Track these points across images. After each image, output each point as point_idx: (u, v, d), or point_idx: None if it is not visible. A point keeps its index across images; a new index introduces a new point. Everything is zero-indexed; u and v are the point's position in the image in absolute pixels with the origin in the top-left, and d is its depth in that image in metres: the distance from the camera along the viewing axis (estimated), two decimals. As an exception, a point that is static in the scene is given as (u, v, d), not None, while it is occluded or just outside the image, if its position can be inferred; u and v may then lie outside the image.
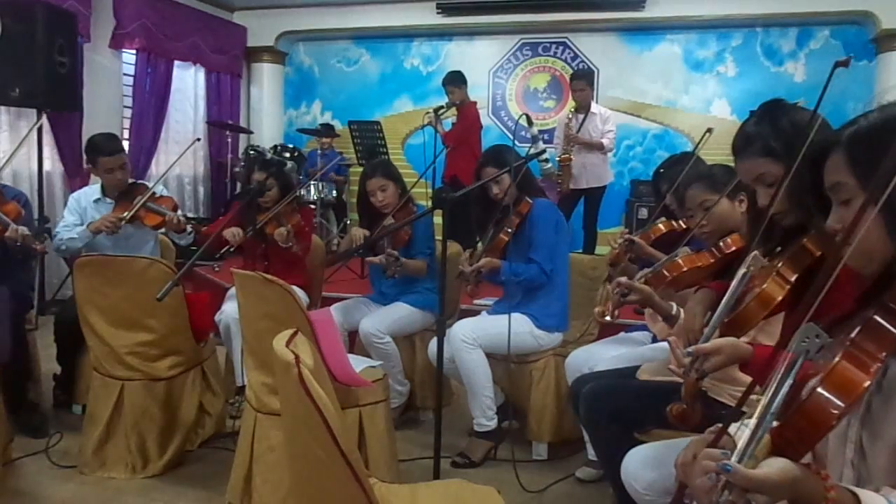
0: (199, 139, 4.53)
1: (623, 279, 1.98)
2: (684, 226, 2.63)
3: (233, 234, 3.29)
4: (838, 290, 1.25)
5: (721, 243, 1.96)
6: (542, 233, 2.96)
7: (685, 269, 1.94)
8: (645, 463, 1.73)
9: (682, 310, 1.91)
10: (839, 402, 0.88)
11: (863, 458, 0.98)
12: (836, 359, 0.91)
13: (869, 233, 1.00)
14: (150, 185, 3.43)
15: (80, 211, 3.36)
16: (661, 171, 2.88)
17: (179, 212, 3.28)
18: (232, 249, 3.28)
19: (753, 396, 1.33)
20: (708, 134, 2.69)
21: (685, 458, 1.16)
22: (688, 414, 1.50)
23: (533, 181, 3.13)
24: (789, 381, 0.90)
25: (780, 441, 0.89)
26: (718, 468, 0.86)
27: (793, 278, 1.42)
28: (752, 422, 0.90)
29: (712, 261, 1.94)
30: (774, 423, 0.89)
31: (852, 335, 0.95)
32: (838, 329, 1.02)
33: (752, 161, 1.50)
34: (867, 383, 0.89)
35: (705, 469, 0.90)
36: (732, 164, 1.65)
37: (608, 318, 2.08)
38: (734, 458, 0.87)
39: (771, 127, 1.49)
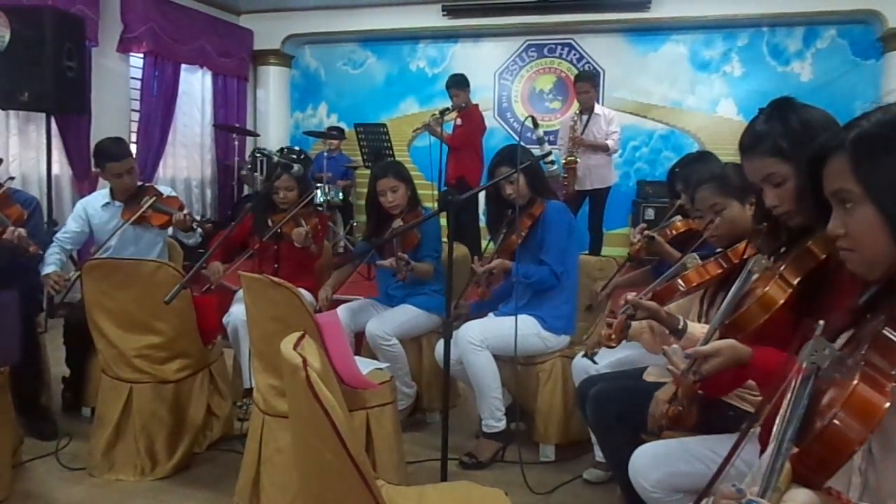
0: (169, 188, 4.54)
1: (630, 296, 1.94)
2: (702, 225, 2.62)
3: (214, 270, 3.28)
4: (839, 297, 1.24)
5: (730, 252, 1.94)
6: (554, 235, 2.95)
7: (695, 283, 1.93)
8: (652, 460, 1.73)
9: (689, 322, 1.89)
10: (861, 429, 0.85)
11: (871, 465, 0.96)
12: (855, 381, 0.88)
13: (874, 240, 0.98)
14: (157, 187, 3.44)
15: (85, 218, 3.37)
16: (677, 169, 2.86)
17: (186, 210, 3.28)
18: (213, 287, 3.28)
19: (753, 396, 1.31)
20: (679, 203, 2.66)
21: None
22: (683, 415, 1.49)
23: (546, 183, 3.13)
24: (804, 402, 0.88)
25: (800, 469, 0.87)
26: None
27: (795, 281, 1.41)
28: (771, 444, 0.88)
29: (720, 271, 1.93)
30: (794, 450, 0.87)
31: (863, 351, 0.93)
32: (842, 336, 1.01)
33: (761, 160, 1.47)
34: (886, 405, 0.86)
35: None
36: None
37: (613, 344, 2.02)
38: (757, 489, 0.84)
39: (781, 126, 1.45)
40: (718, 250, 2.05)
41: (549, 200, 3.03)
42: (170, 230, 3.43)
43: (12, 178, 3.28)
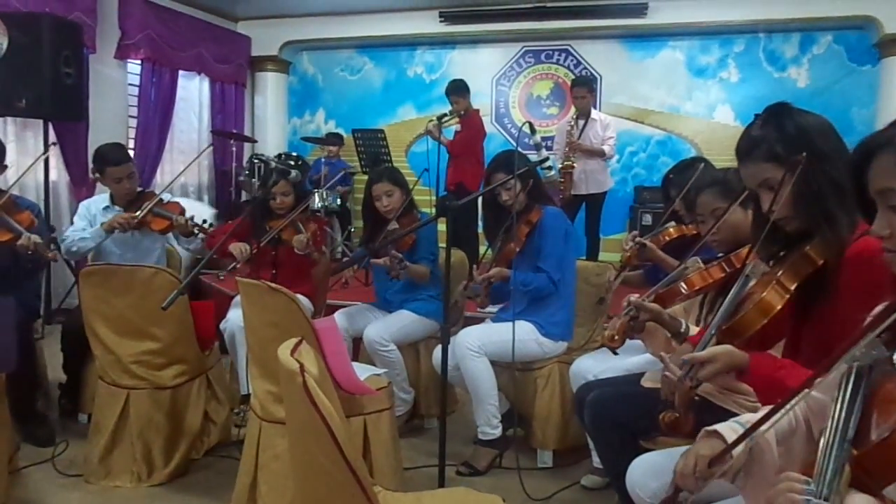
0: (211, 145, 4.57)
1: (634, 298, 1.93)
2: (694, 231, 2.63)
3: (240, 250, 3.27)
4: (836, 303, 1.23)
5: (733, 256, 1.94)
6: (551, 242, 2.95)
7: (697, 287, 1.93)
8: (650, 471, 1.72)
9: (691, 326, 1.89)
10: None
11: None
12: None
13: None
14: (157, 193, 3.44)
15: (89, 217, 3.37)
16: (671, 176, 2.87)
17: (187, 215, 3.28)
18: (238, 266, 3.28)
19: (752, 403, 1.29)
20: (702, 165, 2.67)
21: (685, 467, 1.14)
22: (680, 422, 1.49)
23: (543, 189, 3.13)
24: (860, 403, 0.86)
25: (860, 473, 0.85)
26: None
27: (793, 287, 1.41)
28: (824, 442, 0.86)
29: (722, 275, 1.93)
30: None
31: None
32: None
33: (757, 166, 1.48)
34: None
35: (791, 502, 0.85)
36: None
37: (617, 346, 2.02)
38: (818, 488, 0.83)
39: (776, 131, 1.46)
40: (720, 255, 2.06)
41: (546, 207, 3.03)
42: (170, 236, 3.43)
43: (55, 144, 3.32)
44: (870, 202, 1.05)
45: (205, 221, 3.29)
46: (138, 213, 3.20)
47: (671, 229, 2.76)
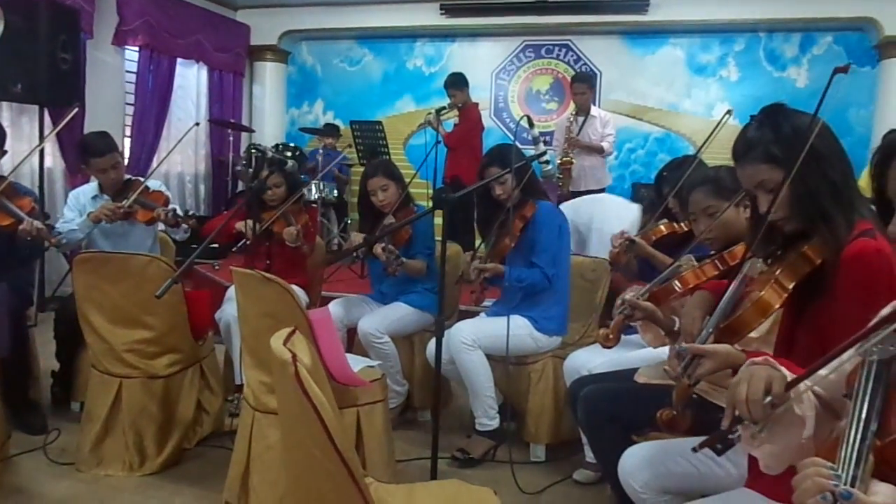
0: (197, 123, 4.58)
1: (628, 296, 1.94)
2: (685, 228, 2.63)
3: (248, 225, 3.27)
4: (833, 303, 1.22)
5: (727, 254, 1.95)
6: (545, 237, 2.95)
7: (691, 285, 1.93)
8: (642, 462, 1.73)
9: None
10: None
11: None
12: None
13: None
14: (146, 181, 3.41)
15: (79, 207, 3.35)
16: (664, 173, 2.88)
17: (171, 206, 3.25)
18: (248, 242, 3.26)
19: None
20: (728, 116, 2.66)
21: (753, 392, 1.08)
22: (677, 420, 1.49)
23: (537, 184, 3.12)
24: (881, 395, 0.88)
25: (881, 463, 0.87)
26: (837, 495, 0.83)
27: (790, 286, 1.41)
28: (847, 432, 0.88)
29: (716, 273, 1.94)
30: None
31: None
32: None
33: (753, 167, 1.48)
34: None
35: (820, 487, 0.85)
36: None
37: (612, 344, 2.02)
38: (844, 474, 0.85)
39: (772, 132, 1.46)
40: (712, 252, 2.06)
41: (541, 202, 3.02)
42: (161, 225, 3.41)
43: (77, 106, 3.34)
44: (888, 203, 1.06)
45: (188, 212, 3.27)
46: (124, 202, 3.17)
47: (661, 226, 2.76)
